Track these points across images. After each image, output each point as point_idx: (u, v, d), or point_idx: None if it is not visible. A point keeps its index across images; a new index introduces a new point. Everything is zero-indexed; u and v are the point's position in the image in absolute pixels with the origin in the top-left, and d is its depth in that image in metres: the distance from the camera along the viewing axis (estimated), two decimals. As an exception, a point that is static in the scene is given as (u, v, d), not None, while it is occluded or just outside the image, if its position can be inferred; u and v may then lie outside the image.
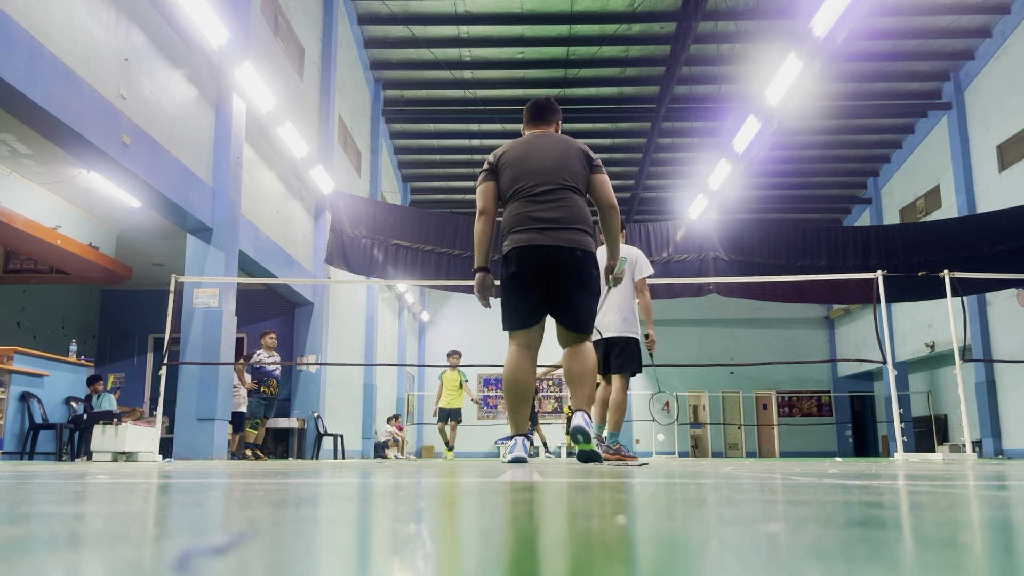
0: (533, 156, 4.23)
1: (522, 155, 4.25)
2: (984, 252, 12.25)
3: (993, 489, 2.02)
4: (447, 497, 1.76)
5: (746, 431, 26.42)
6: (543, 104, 4.52)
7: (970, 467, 4.68)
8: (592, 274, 4.16)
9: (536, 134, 4.42)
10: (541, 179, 4.14)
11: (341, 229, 12.08)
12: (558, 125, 4.56)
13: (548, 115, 4.51)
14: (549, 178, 4.14)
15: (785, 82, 11.22)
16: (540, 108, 4.51)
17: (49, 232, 10.50)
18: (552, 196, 4.10)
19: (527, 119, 4.55)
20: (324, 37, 14.69)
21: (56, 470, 4.08)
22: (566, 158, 4.22)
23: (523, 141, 4.37)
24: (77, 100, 7.10)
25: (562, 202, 4.10)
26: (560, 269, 4.05)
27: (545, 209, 4.08)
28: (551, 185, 4.12)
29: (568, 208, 4.09)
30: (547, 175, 4.14)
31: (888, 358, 8.22)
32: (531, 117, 4.53)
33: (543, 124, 4.50)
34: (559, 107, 4.60)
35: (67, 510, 1.32)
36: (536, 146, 4.29)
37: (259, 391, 10.89)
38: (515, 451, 4.14)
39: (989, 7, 15.52)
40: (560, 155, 4.22)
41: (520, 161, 4.23)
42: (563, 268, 4.04)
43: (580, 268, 4.08)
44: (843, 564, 0.67)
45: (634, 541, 0.89)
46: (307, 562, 0.71)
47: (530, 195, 4.12)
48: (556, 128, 4.54)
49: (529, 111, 4.54)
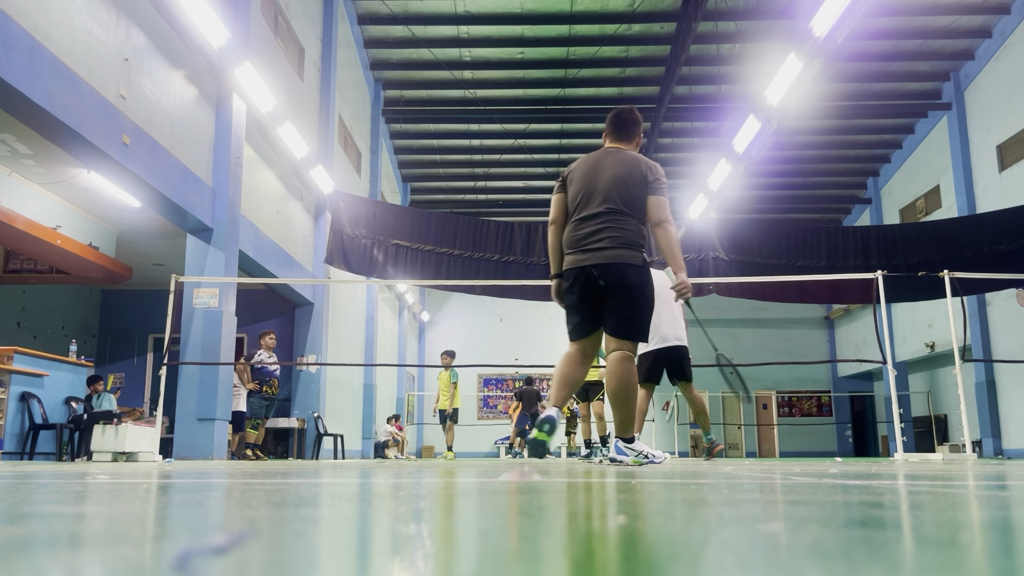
0: (594, 174, 4.41)
1: (586, 172, 4.44)
2: (984, 252, 12.24)
3: (993, 489, 2.02)
4: (446, 497, 1.76)
5: (746, 431, 26.42)
6: (626, 117, 4.60)
7: (970, 467, 4.68)
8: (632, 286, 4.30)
9: (608, 150, 4.54)
10: (592, 199, 4.34)
11: (341, 229, 12.08)
12: (639, 139, 4.67)
13: (629, 129, 4.59)
14: (601, 199, 4.32)
15: (785, 82, 11.22)
16: (622, 121, 4.59)
17: (49, 232, 10.50)
18: (598, 219, 4.30)
19: (609, 130, 4.64)
20: (324, 37, 14.69)
21: (56, 470, 4.08)
22: (625, 179, 4.35)
23: (593, 156, 4.53)
24: (77, 100, 7.10)
25: (606, 222, 4.29)
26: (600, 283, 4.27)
27: (588, 230, 4.30)
28: (600, 207, 4.31)
29: (611, 228, 4.28)
30: (600, 196, 4.33)
31: (888, 358, 8.22)
32: (613, 129, 4.62)
33: (622, 140, 4.59)
34: (641, 118, 4.68)
35: (67, 510, 1.32)
36: (601, 165, 4.44)
37: (261, 391, 10.89)
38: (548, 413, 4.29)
39: (989, 7, 15.52)
40: (619, 177, 4.36)
41: (582, 178, 4.43)
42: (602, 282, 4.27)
43: (618, 280, 4.26)
44: (843, 564, 0.67)
45: (634, 541, 0.89)
46: (307, 562, 0.70)
47: (580, 215, 4.36)
48: (636, 142, 4.65)
49: (612, 123, 4.62)
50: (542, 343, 24.91)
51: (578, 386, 4.51)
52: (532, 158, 20.52)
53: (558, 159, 21.41)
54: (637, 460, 4.49)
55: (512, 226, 12.40)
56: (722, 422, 26.23)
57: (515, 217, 23.72)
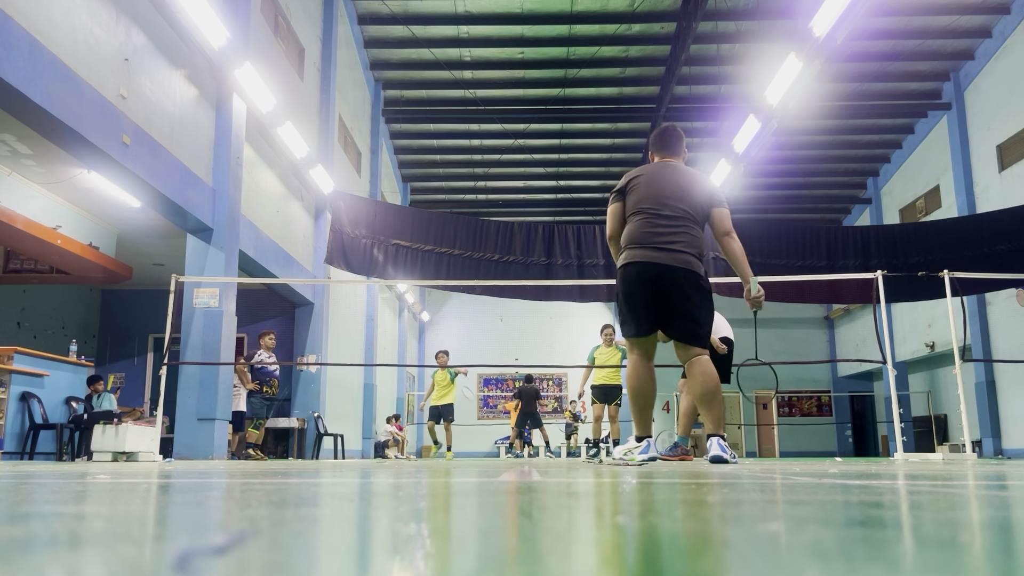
0: (659, 181, 4.56)
1: (650, 180, 4.58)
2: (984, 252, 12.24)
3: (993, 489, 2.02)
4: (446, 497, 1.76)
5: (746, 431, 26.42)
6: (672, 133, 4.79)
7: (970, 467, 4.68)
8: (700, 292, 4.42)
9: (666, 163, 4.71)
10: (664, 204, 4.47)
11: (341, 229, 12.07)
12: (684, 153, 4.85)
13: (675, 144, 4.79)
14: (672, 204, 4.46)
15: (785, 82, 11.22)
16: (670, 137, 4.79)
17: (49, 232, 10.50)
18: (671, 221, 4.42)
19: (655, 146, 4.84)
20: (324, 37, 14.69)
21: (56, 470, 4.08)
22: (691, 189, 4.54)
23: (653, 168, 4.69)
24: (77, 100, 7.10)
25: (679, 227, 4.41)
26: (670, 286, 4.35)
27: (662, 231, 4.40)
28: (672, 212, 4.44)
29: (684, 233, 4.41)
30: (671, 201, 4.47)
31: (888, 358, 8.22)
32: (660, 146, 4.81)
33: (671, 154, 4.78)
34: (683, 134, 4.86)
35: (67, 510, 1.32)
36: (663, 175, 4.60)
37: (261, 391, 10.89)
38: (648, 452, 4.42)
39: (989, 7, 15.52)
40: (686, 186, 4.54)
41: (648, 185, 4.56)
42: (673, 285, 4.36)
43: (687, 285, 4.37)
44: (843, 564, 0.67)
45: (634, 540, 0.89)
46: (307, 562, 0.71)
47: (651, 216, 4.45)
48: (683, 156, 4.83)
49: (657, 140, 4.81)
50: (542, 343, 24.91)
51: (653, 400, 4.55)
52: (532, 158, 20.52)
53: (558, 159, 21.40)
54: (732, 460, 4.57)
55: (512, 226, 12.40)
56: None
57: (515, 217, 23.72)
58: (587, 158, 21.69)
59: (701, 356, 4.44)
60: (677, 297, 4.35)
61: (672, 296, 4.35)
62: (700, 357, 4.44)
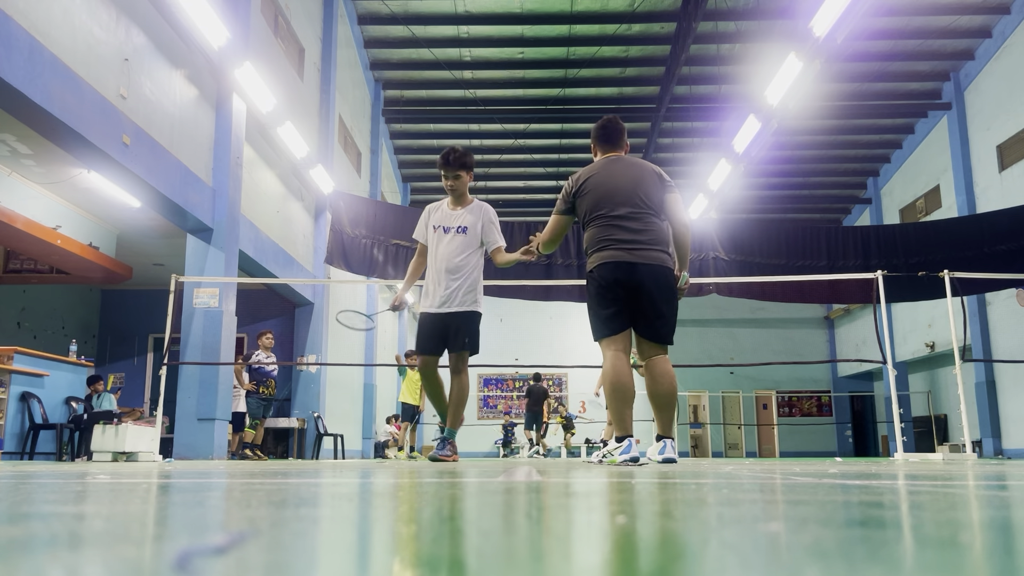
0: (611, 180, 4.49)
1: (601, 180, 4.51)
2: (984, 252, 12.24)
3: (993, 489, 2.02)
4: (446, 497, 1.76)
5: (746, 431, 26.42)
6: (611, 126, 4.72)
7: (970, 467, 4.68)
8: (672, 290, 4.42)
9: (611, 159, 4.64)
10: (619, 203, 4.40)
11: (341, 229, 12.08)
12: (627, 145, 4.79)
13: (616, 137, 4.71)
14: (628, 200, 4.40)
15: (785, 82, 11.22)
16: (609, 131, 4.71)
17: (49, 232, 10.50)
18: (632, 221, 4.37)
19: (597, 142, 4.75)
20: (324, 37, 14.69)
21: (56, 470, 4.08)
22: (642, 182, 4.47)
23: (599, 166, 4.61)
24: (77, 100, 7.10)
25: (641, 223, 4.37)
26: (642, 284, 4.32)
27: (626, 231, 4.35)
28: (630, 208, 4.39)
29: (647, 231, 4.37)
30: (625, 198, 4.41)
31: (888, 358, 8.22)
32: (602, 140, 4.73)
33: (614, 147, 4.71)
34: (624, 125, 4.79)
35: (67, 510, 1.32)
36: (612, 171, 4.53)
37: (258, 391, 10.89)
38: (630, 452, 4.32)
39: (989, 7, 15.52)
40: (636, 179, 4.48)
41: (600, 185, 4.49)
42: (645, 283, 4.32)
43: (660, 283, 4.35)
44: (843, 564, 0.67)
45: (634, 540, 0.89)
46: (307, 562, 0.71)
47: (611, 217, 4.39)
48: (626, 148, 4.77)
49: (598, 134, 4.73)
50: (542, 343, 24.91)
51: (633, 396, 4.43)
52: (532, 158, 20.52)
53: (558, 159, 21.40)
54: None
55: (512, 226, 12.40)
56: (722, 422, 26.25)
57: (515, 217, 23.70)
58: (587, 158, 21.53)
59: (663, 356, 4.42)
60: (650, 296, 4.33)
61: (644, 295, 4.32)
62: (663, 356, 4.42)
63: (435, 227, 5.57)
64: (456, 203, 5.60)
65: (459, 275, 5.44)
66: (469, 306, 5.45)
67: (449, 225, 5.54)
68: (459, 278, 5.44)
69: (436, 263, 5.50)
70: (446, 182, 5.50)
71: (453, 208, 5.60)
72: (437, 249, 5.51)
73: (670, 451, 4.39)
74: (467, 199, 5.63)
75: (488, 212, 5.61)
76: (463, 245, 5.48)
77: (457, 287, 5.42)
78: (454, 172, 5.45)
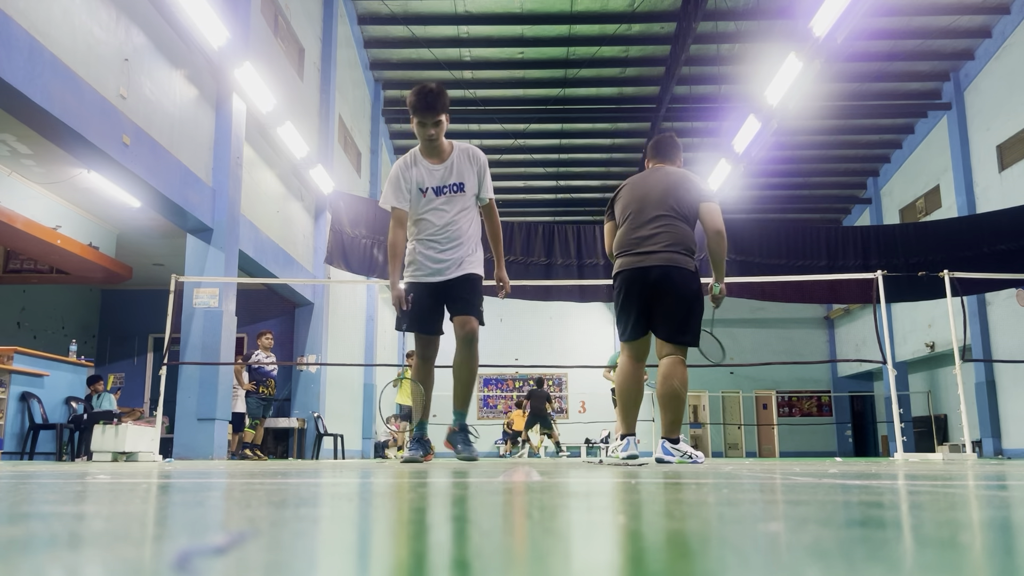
0: (642, 188, 4.60)
1: (634, 187, 4.65)
2: (984, 252, 12.23)
3: (993, 489, 2.02)
4: (447, 497, 1.76)
5: (746, 431, 26.42)
6: (664, 140, 4.82)
7: (970, 467, 4.68)
8: (687, 291, 4.43)
9: (653, 168, 4.74)
10: (645, 206, 4.50)
11: (341, 229, 12.07)
12: (680, 160, 4.83)
13: (670, 151, 4.80)
14: (654, 205, 4.47)
15: (785, 82, 11.22)
16: (661, 144, 4.82)
17: (49, 232, 10.50)
18: (653, 222, 4.43)
19: (650, 152, 4.86)
20: (324, 37, 14.69)
21: (56, 470, 4.08)
22: (676, 188, 4.51)
23: (640, 175, 4.74)
24: (77, 100, 7.10)
25: (661, 226, 4.42)
26: (656, 286, 4.37)
27: (644, 234, 4.43)
28: (655, 212, 4.45)
29: (666, 233, 4.40)
30: (653, 203, 4.48)
31: (888, 358, 8.22)
32: (654, 152, 4.83)
33: (664, 160, 4.78)
34: (680, 142, 4.88)
35: (67, 510, 1.32)
36: (648, 178, 4.65)
37: (258, 391, 10.89)
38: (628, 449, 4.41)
39: (989, 7, 15.52)
40: (670, 185, 4.53)
41: (630, 192, 4.63)
42: (659, 285, 4.37)
43: (673, 284, 4.37)
44: (843, 564, 0.67)
45: (634, 539, 0.89)
46: (307, 562, 0.71)
47: (633, 223, 4.49)
48: (678, 163, 4.81)
49: (654, 147, 4.84)
50: (542, 343, 24.90)
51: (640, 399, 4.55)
52: (532, 158, 20.52)
53: (558, 159, 21.40)
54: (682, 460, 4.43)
55: (512, 226, 12.40)
56: (722, 422, 26.24)
57: (515, 217, 23.71)
58: (587, 158, 21.69)
59: (674, 357, 4.41)
60: (664, 297, 4.37)
61: (659, 297, 4.38)
62: (673, 358, 4.41)
63: (422, 189, 4.56)
64: (433, 154, 4.59)
65: (461, 241, 4.58)
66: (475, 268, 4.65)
67: (441, 184, 4.56)
68: (462, 244, 4.59)
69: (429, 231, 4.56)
70: (425, 131, 4.42)
71: (434, 162, 4.58)
72: (427, 215, 4.56)
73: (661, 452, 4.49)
74: (445, 146, 4.61)
75: (480, 157, 4.67)
76: (461, 205, 4.59)
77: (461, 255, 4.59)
78: (435, 118, 4.39)
